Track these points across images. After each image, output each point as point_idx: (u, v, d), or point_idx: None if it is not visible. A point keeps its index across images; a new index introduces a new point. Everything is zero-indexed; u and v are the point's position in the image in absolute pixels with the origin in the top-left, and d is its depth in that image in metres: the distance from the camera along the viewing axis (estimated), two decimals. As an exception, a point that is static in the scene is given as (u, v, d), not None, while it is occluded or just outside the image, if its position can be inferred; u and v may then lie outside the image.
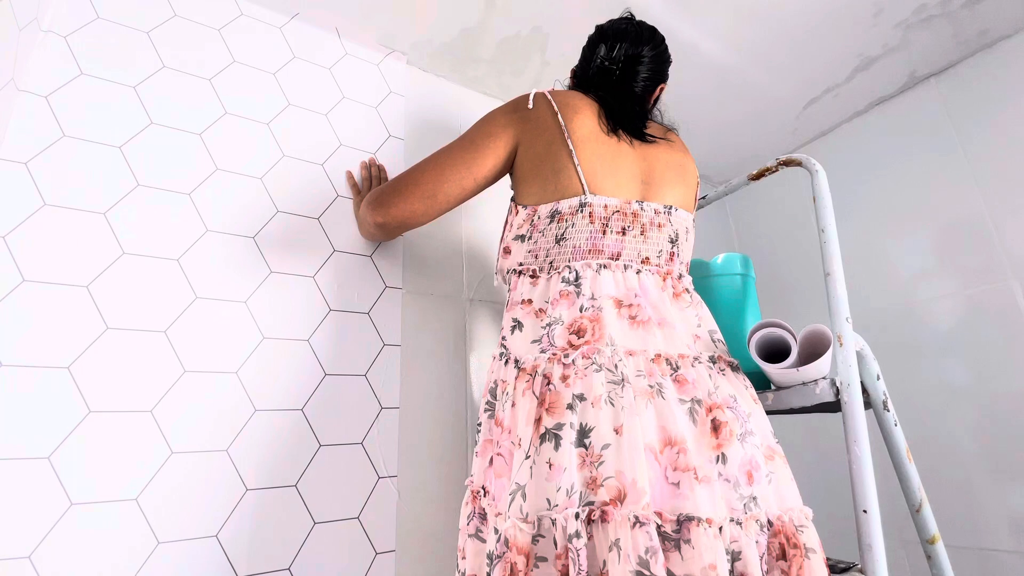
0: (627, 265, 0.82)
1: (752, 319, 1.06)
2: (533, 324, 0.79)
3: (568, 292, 0.78)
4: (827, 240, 0.91)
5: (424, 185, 0.86)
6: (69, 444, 0.75)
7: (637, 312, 0.77)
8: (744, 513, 0.64)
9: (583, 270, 0.80)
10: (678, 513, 0.62)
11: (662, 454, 0.66)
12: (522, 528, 0.64)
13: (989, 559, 1.25)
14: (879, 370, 0.91)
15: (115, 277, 0.85)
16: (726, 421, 0.69)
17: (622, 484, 0.62)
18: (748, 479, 0.67)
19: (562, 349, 0.73)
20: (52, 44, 0.90)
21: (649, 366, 0.72)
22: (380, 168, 1.18)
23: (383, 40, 1.29)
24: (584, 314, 0.76)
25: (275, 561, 0.85)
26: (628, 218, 0.83)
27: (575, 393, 0.68)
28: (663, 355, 0.74)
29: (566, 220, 0.81)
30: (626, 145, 0.87)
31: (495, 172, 0.88)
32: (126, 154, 0.92)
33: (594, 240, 0.81)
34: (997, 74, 1.37)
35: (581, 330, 0.74)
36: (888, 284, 1.51)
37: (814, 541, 0.66)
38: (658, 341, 0.75)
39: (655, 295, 0.81)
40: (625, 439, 0.64)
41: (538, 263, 0.84)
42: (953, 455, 1.34)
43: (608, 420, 0.66)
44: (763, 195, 1.89)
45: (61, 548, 0.71)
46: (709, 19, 1.26)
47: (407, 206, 0.87)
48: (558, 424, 0.66)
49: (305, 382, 0.96)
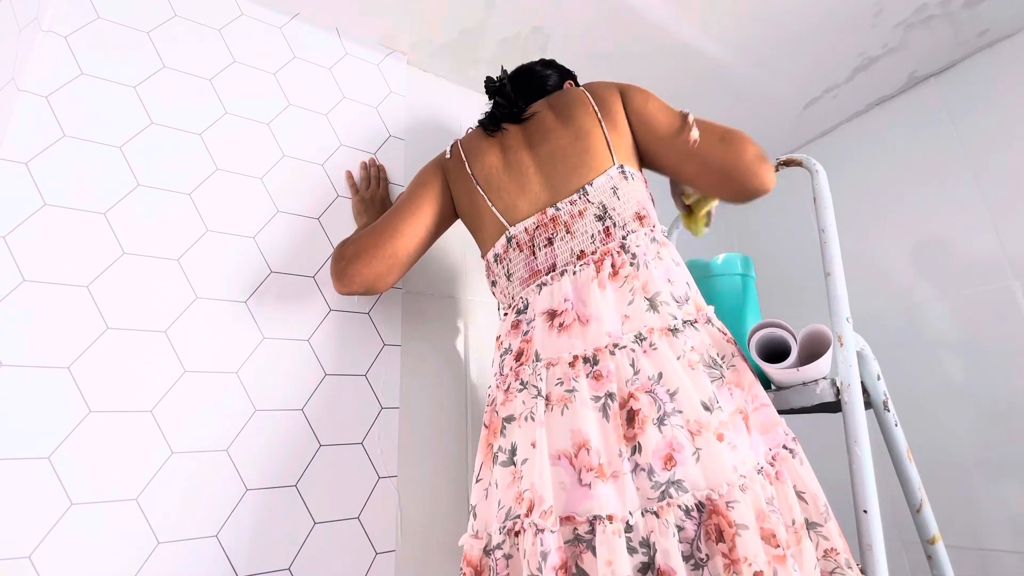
0: (563, 271, 0.80)
1: (752, 319, 1.06)
2: (496, 357, 0.85)
3: (518, 321, 0.83)
4: (827, 240, 0.91)
5: (382, 246, 0.89)
6: (69, 444, 0.75)
7: (564, 318, 0.77)
8: (660, 501, 0.63)
9: (530, 296, 0.83)
10: (588, 515, 0.63)
11: (576, 458, 0.67)
12: (472, 544, 0.73)
13: (989, 559, 1.25)
14: (879, 370, 0.91)
15: (115, 277, 0.85)
16: (640, 409, 0.68)
17: (533, 495, 0.65)
18: (666, 463, 0.65)
19: (504, 377, 0.79)
20: (52, 44, 0.90)
21: (566, 371, 0.73)
22: (380, 168, 1.18)
23: (383, 40, 1.29)
24: (523, 337, 0.80)
25: (275, 561, 0.85)
26: (550, 227, 0.83)
27: (504, 416, 0.75)
28: (580, 355, 0.73)
29: (506, 258, 0.87)
30: (520, 152, 0.89)
31: (439, 216, 0.94)
32: (126, 154, 0.92)
33: (529, 265, 0.84)
34: (997, 74, 1.37)
35: (519, 353, 0.79)
36: (888, 284, 1.51)
37: (747, 516, 0.61)
38: (576, 343, 0.74)
39: (585, 291, 0.77)
40: (537, 451, 0.68)
41: (506, 301, 0.89)
42: (953, 455, 1.34)
43: (527, 436, 0.70)
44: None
45: (61, 548, 0.71)
46: (709, 19, 1.26)
47: (370, 271, 0.88)
48: (499, 447, 0.74)
49: (305, 382, 0.96)
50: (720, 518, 0.62)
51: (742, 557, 0.59)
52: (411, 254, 0.92)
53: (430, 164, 0.99)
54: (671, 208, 1.05)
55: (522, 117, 0.93)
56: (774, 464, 0.70)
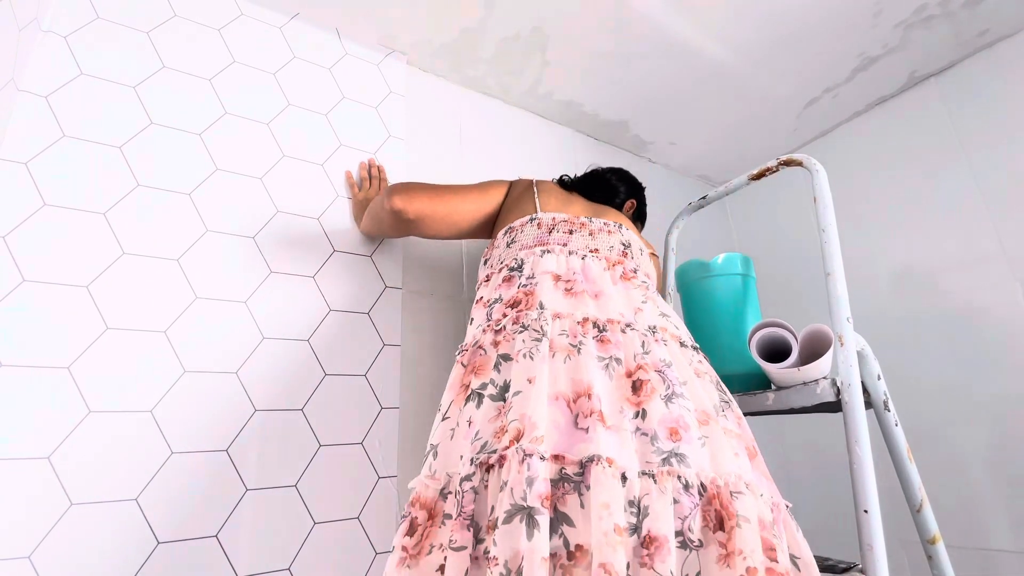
0: (572, 252, 0.84)
1: (752, 319, 1.06)
2: (479, 313, 0.82)
3: (511, 276, 0.82)
4: (828, 240, 0.91)
5: (449, 198, 0.95)
6: (69, 444, 0.75)
7: (572, 285, 0.78)
8: (661, 467, 0.59)
9: (527, 256, 0.84)
10: (581, 456, 0.59)
11: (575, 403, 0.64)
12: (427, 484, 0.65)
13: (989, 559, 1.25)
14: (880, 370, 0.91)
15: (115, 277, 0.85)
16: (648, 380, 0.66)
17: (523, 424, 0.60)
18: (671, 435, 0.62)
19: (495, 322, 0.75)
20: (52, 44, 0.90)
21: (574, 327, 0.71)
22: (379, 169, 1.18)
23: (383, 40, 1.29)
24: (521, 289, 0.78)
25: (275, 561, 0.85)
26: (575, 225, 0.89)
27: (500, 354, 0.70)
28: (591, 319, 0.72)
29: (516, 230, 0.90)
30: (579, 197, 1.02)
31: (496, 208, 1.00)
32: (126, 154, 0.92)
33: (540, 237, 0.87)
34: (997, 74, 1.37)
35: (516, 302, 0.77)
36: (888, 284, 1.51)
37: (750, 510, 0.59)
38: (589, 308, 0.74)
39: (595, 273, 0.81)
40: (535, 387, 0.63)
41: (491, 269, 0.89)
42: (954, 455, 1.34)
43: (523, 372, 0.65)
44: (763, 195, 1.89)
45: (61, 548, 0.71)
46: (709, 19, 1.26)
47: (431, 205, 0.93)
48: (483, 384, 0.68)
49: (305, 382, 0.96)
50: (721, 507, 0.58)
51: (738, 549, 0.55)
52: (464, 220, 0.97)
53: (498, 179, 1.06)
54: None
55: (592, 199, 1.04)
56: (773, 512, 0.63)
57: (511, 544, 0.52)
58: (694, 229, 1.83)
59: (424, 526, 0.62)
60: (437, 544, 0.60)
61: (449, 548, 0.57)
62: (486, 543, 0.56)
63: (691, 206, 1.29)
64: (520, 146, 1.50)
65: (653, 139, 1.74)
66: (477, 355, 0.73)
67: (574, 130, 1.66)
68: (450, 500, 0.62)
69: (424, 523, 0.62)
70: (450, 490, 0.62)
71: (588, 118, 1.61)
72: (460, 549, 0.56)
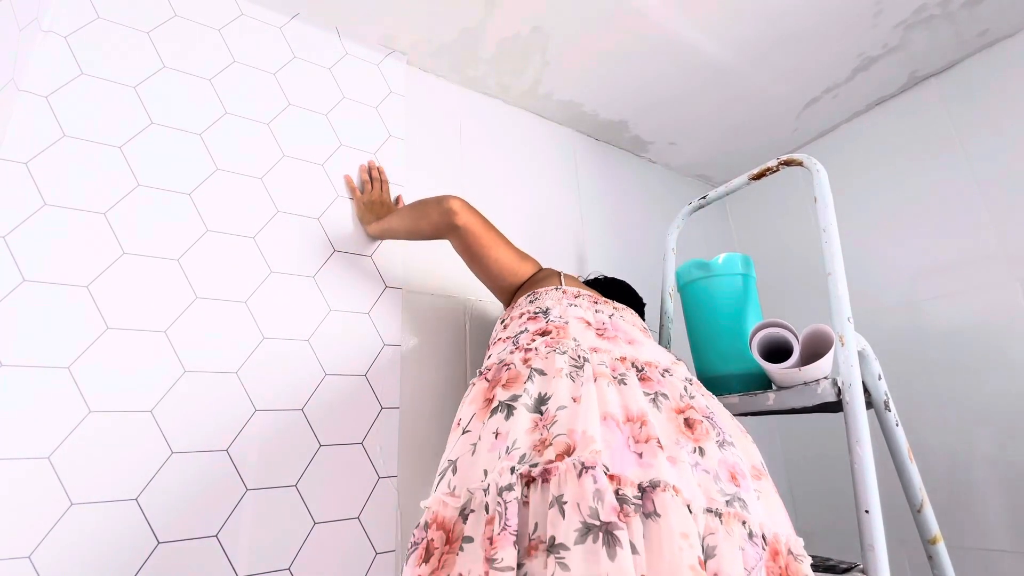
0: (599, 311, 0.83)
1: (753, 319, 1.06)
2: (501, 347, 0.77)
3: (536, 316, 0.80)
4: (828, 240, 0.91)
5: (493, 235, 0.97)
6: (69, 444, 0.75)
7: (604, 332, 0.75)
8: (726, 507, 0.53)
9: (553, 305, 0.82)
10: (640, 479, 0.52)
11: (624, 424, 0.58)
12: (446, 502, 0.56)
13: (990, 559, 1.25)
14: (880, 370, 0.91)
15: (115, 277, 0.85)
16: (700, 420, 0.62)
17: (572, 440, 0.54)
18: (731, 479, 0.57)
19: (525, 344, 0.71)
20: (52, 44, 0.90)
21: (614, 363, 0.67)
22: (380, 170, 1.18)
23: (383, 40, 1.29)
24: (550, 323, 0.75)
25: (275, 561, 0.85)
26: (600, 300, 0.89)
27: (534, 368, 0.65)
28: (629, 358, 0.69)
29: (539, 294, 0.88)
30: (596, 292, 1.01)
31: (520, 277, 1.00)
32: (126, 154, 0.92)
33: (563, 299, 0.85)
34: (997, 74, 1.37)
35: (546, 332, 0.73)
36: (889, 284, 1.51)
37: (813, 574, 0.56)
38: (625, 349, 0.71)
39: (625, 328, 0.79)
40: (582, 406, 0.58)
41: (510, 318, 0.86)
42: (954, 455, 1.34)
43: (566, 389, 0.60)
44: (763, 195, 1.89)
45: (61, 548, 0.71)
46: (709, 19, 1.26)
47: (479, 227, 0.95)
48: (514, 396, 0.61)
49: (305, 382, 0.96)
50: (787, 566, 0.54)
51: None
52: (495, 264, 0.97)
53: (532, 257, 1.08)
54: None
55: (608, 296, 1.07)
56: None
57: (588, 568, 0.45)
58: (694, 229, 1.83)
59: (442, 551, 0.53)
60: (455, 574, 0.50)
61: (492, 567, 0.47)
62: (527, 568, 0.48)
63: (691, 206, 1.29)
64: (520, 146, 1.50)
65: (653, 139, 1.74)
66: (504, 371, 0.67)
67: (574, 130, 1.66)
68: (472, 520, 0.53)
69: (441, 547, 0.53)
70: (472, 508, 0.54)
71: (588, 118, 1.61)
72: (506, 570, 0.46)
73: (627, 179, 1.75)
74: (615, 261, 1.59)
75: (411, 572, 0.52)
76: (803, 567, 0.55)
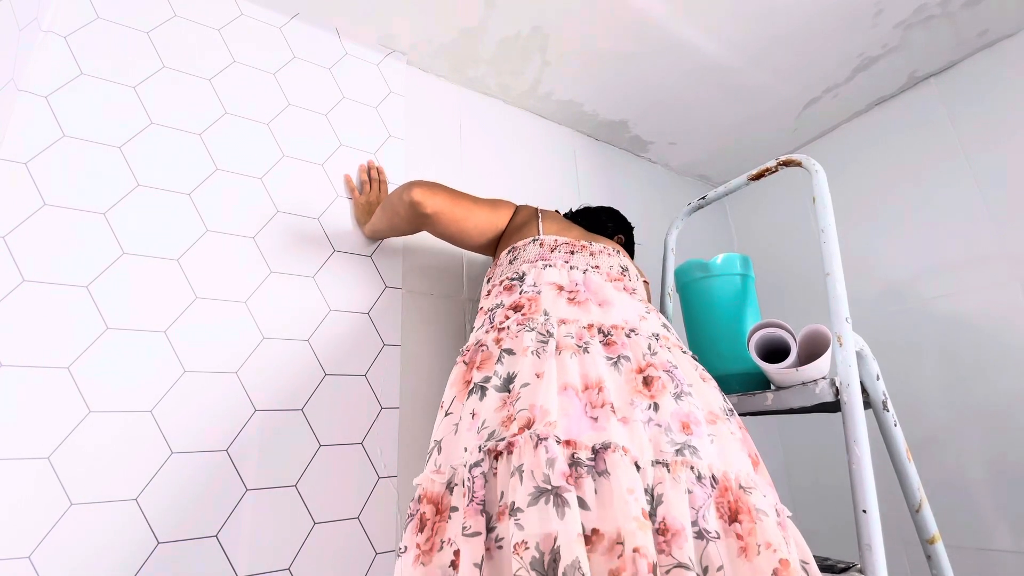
0: (574, 267, 0.86)
1: (752, 319, 1.06)
2: (481, 319, 0.84)
3: (512, 285, 0.84)
4: (827, 240, 0.91)
5: (465, 204, 0.97)
6: (69, 444, 0.75)
7: (576, 295, 0.79)
8: (675, 456, 0.60)
9: (528, 269, 0.86)
10: (594, 442, 0.59)
11: (583, 393, 0.65)
12: (433, 479, 0.64)
13: (989, 559, 1.25)
14: (879, 370, 0.91)
15: (115, 277, 0.85)
16: (658, 377, 0.67)
17: (532, 414, 0.60)
18: (683, 428, 0.63)
19: (498, 323, 0.76)
20: (52, 44, 0.90)
21: (580, 331, 0.73)
22: (379, 171, 1.18)
23: (383, 40, 1.29)
24: (523, 295, 0.80)
25: (275, 561, 0.85)
26: (576, 247, 0.92)
27: (504, 348, 0.71)
28: (596, 324, 0.74)
29: (518, 249, 0.93)
30: (578, 227, 1.05)
31: (502, 227, 1.03)
32: (126, 154, 0.92)
33: (541, 254, 0.89)
34: (997, 74, 1.37)
35: (518, 306, 0.78)
36: (888, 284, 1.51)
37: (765, 503, 0.60)
38: (593, 314, 0.76)
39: (598, 285, 0.82)
40: (544, 380, 0.64)
41: (491, 284, 0.91)
42: (953, 455, 1.34)
43: (530, 366, 0.67)
44: (763, 195, 1.89)
45: (61, 548, 0.71)
46: (709, 20, 1.26)
47: (448, 205, 0.94)
48: (486, 377, 0.68)
49: (305, 382, 0.96)
50: (735, 499, 0.59)
51: (765, 542, 0.55)
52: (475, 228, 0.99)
53: (508, 199, 1.11)
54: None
55: (591, 230, 1.11)
56: (779, 515, 0.62)
57: (541, 526, 0.51)
58: (694, 229, 1.83)
59: (433, 521, 0.61)
60: (446, 539, 0.58)
61: (462, 536, 0.55)
62: (498, 531, 0.55)
63: (691, 206, 1.29)
64: (520, 146, 1.50)
65: (653, 139, 1.74)
66: (479, 352, 0.74)
67: (574, 130, 1.66)
68: (456, 492, 0.61)
69: (432, 518, 0.61)
70: (456, 482, 0.61)
71: (588, 118, 1.61)
72: (474, 535, 0.54)
73: (627, 179, 1.75)
74: (615, 261, 1.59)
75: (409, 540, 0.60)
76: (751, 497, 0.60)
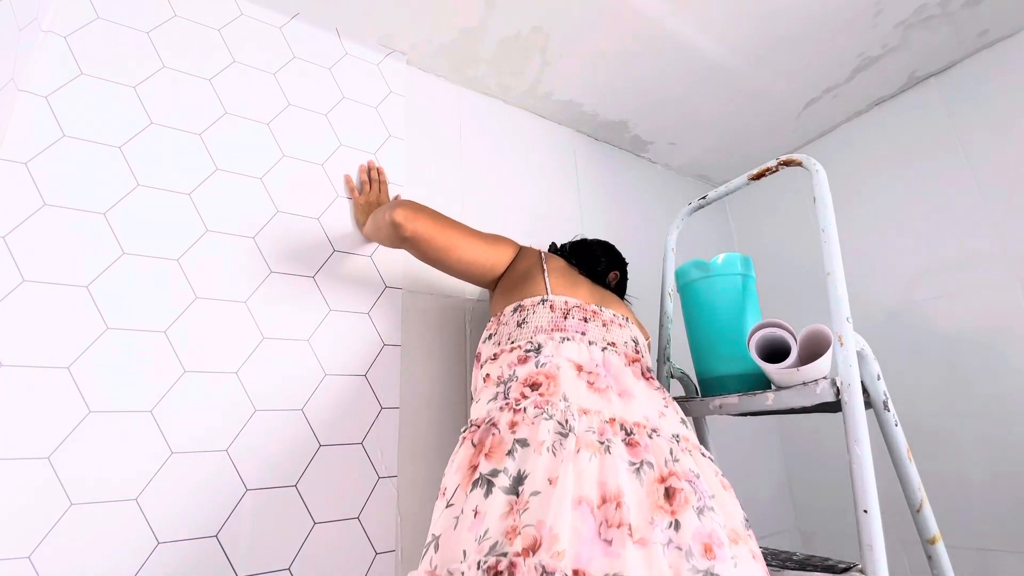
0: (592, 342, 0.83)
1: (752, 319, 1.06)
2: (490, 390, 0.78)
3: (527, 356, 0.79)
4: (827, 240, 0.90)
5: (451, 233, 0.93)
6: (69, 444, 0.75)
7: (596, 380, 0.75)
8: None
9: (545, 341, 0.81)
10: (605, 572, 0.54)
11: (599, 509, 0.60)
12: None
13: (989, 559, 1.25)
14: (879, 370, 0.91)
15: (115, 277, 0.85)
16: (681, 488, 0.63)
17: (539, 533, 0.55)
18: (706, 551, 0.59)
19: (515, 399, 0.72)
20: (52, 44, 0.90)
21: (602, 426, 0.68)
22: (379, 171, 1.18)
23: (383, 40, 1.29)
24: (540, 369, 0.75)
25: (275, 561, 0.85)
26: (588, 313, 0.89)
27: (518, 438, 0.65)
28: (617, 419, 0.70)
29: (527, 310, 0.88)
30: (586, 279, 1.02)
31: (499, 269, 0.99)
32: (126, 154, 0.92)
33: (556, 322, 0.85)
34: (997, 74, 1.37)
35: (535, 383, 0.74)
36: (888, 284, 1.51)
37: None
38: (615, 407, 0.72)
39: (618, 369, 0.80)
40: (556, 489, 0.59)
41: (500, 347, 0.86)
42: (953, 455, 1.34)
43: (544, 469, 0.61)
44: (763, 195, 1.89)
45: (61, 548, 0.71)
46: (710, 19, 1.26)
47: (430, 231, 0.91)
48: (494, 470, 0.63)
49: (305, 382, 0.96)
50: None
51: None
52: (459, 260, 0.95)
53: (511, 239, 1.05)
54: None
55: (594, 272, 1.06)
56: None
57: None
58: (694, 229, 1.83)
59: None
60: None
61: None
62: None
63: (691, 206, 1.29)
64: (520, 146, 1.50)
65: (653, 139, 1.74)
66: (490, 435, 0.68)
67: (574, 130, 1.66)
68: None
69: None
70: None
71: (588, 118, 1.61)
72: None
73: (627, 179, 1.75)
74: (615, 261, 1.59)
75: None
76: None
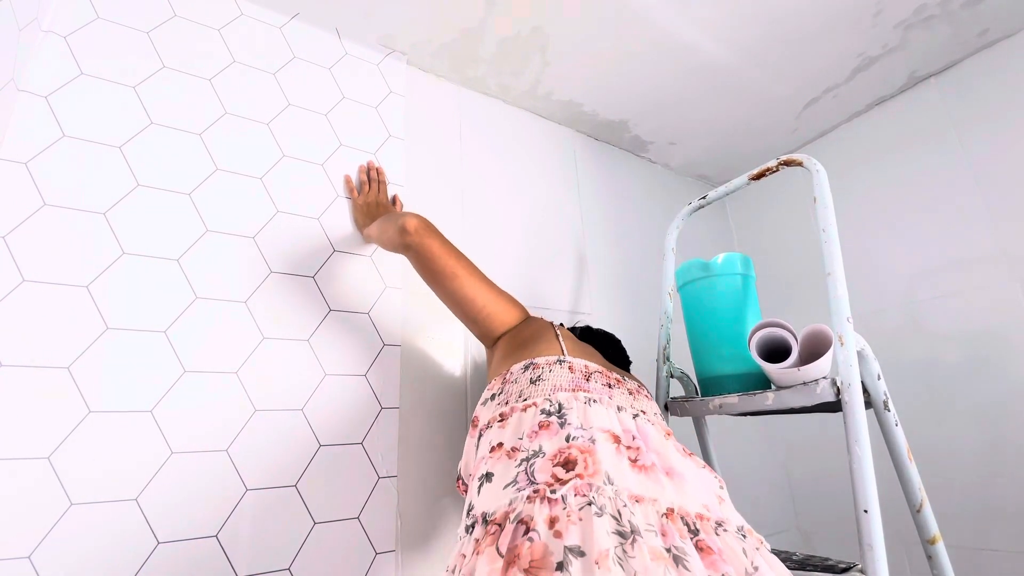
0: (621, 407, 0.69)
1: (752, 319, 1.06)
2: (505, 467, 0.61)
3: (549, 423, 0.64)
4: (828, 240, 0.90)
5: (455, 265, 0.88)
6: (69, 444, 0.75)
7: (638, 455, 0.61)
8: None
9: (567, 402, 0.67)
10: None
11: None
12: None
13: (989, 559, 1.25)
14: (880, 370, 0.91)
15: (115, 277, 0.85)
16: None
17: None
18: None
19: (546, 484, 0.55)
20: (52, 44, 0.90)
21: (661, 522, 0.53)
22: (379, 171, 1.18)
23: (383, 40, 1.29)
24: (573, 443, 0.60)
25: (275, 561, 0.85)
26: (612, 379, 0.76)
27: (569, 546, 0.48)
28: (677, 511, 0.55)
29: (542, 368, 0.74)
30: (595, 351, 0.93)
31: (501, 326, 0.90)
32: (126, 154, 0.92)
33: (577, 382, 0.71)
34: (997, 74, 1.37)
35: (570, 461, 0.58)
36: (888, 284, 1.51)
37: None
38: (667, 491, 0.57)
39: (657, 442, 0.65)
40: None
41: (509, 407, 0.71)
42: (954, 455, 1.34)
43: None
44: (763, 195, 1.89)
45: (61, 548, 0.71)
46: (709, 19, 1.26)
47: (435, 251, 0.88)
48: None
49: (305, 382, 0.96)
50: None
51: None
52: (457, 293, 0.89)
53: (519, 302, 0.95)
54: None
55: (606, 353, 1.00)
56: None
57: None
58: (694, 229, 1.83)
59: None
60: None
61: None
62: None
63: (691, 206, 1.29)
64: (520, 146, 1.50)
65: (653, 139, 1.74)
66: (521, 539, 0.50)
67: (574, 130, 1.66)
68: None
69: None
70: None
71: (588, 118, 1.61)
72: None
73: (627, 179, 1.75)
74: (615, 261, 1.59)
75: None
76: None
